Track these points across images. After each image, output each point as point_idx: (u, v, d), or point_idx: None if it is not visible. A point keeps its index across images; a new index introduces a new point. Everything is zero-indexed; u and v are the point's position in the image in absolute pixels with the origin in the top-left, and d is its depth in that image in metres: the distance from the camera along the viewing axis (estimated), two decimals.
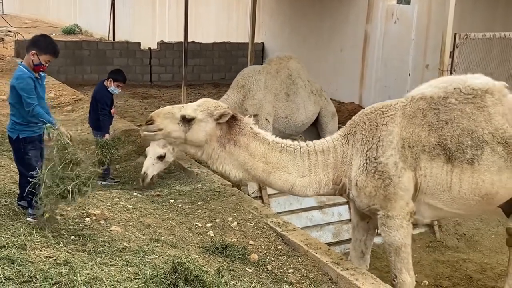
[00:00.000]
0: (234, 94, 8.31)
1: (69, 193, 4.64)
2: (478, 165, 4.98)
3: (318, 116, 9.10)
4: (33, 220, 5.02)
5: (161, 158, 7.43)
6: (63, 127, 4.99)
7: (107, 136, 7.48)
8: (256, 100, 8.23)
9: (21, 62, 5.24)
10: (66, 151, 4.73)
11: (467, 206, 5.16)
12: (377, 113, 5.08)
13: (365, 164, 4.97)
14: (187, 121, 4.82)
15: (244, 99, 8.27)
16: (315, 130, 9.21)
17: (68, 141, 4.78)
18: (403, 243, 5.07)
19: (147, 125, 4.92)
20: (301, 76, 8.84)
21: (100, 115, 7.75)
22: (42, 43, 5.19)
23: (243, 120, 5.00)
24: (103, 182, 7.66)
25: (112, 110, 7.89)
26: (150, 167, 7.42)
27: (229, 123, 4.93)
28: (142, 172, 7.41)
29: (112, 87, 7.80)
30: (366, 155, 4.97)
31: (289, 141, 5.15)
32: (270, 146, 5.01)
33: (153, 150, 7.45)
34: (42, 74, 5.22)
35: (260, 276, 5.10)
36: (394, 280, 5.16)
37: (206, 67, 17.90)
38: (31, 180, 4.87)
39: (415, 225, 7.83)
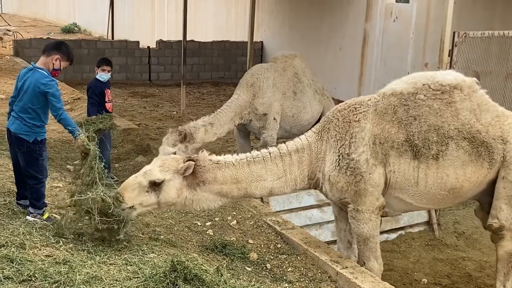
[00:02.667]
0: (244, 93, 8.19)
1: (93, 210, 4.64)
2: (443, 160, 5.11)
3: (321, 115, 9.01)
4: (32, 219, 5.03)
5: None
6: (85, 137, 4.99)
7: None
8: (266, 99, 8.15)
9: (35, 64, 5.19)
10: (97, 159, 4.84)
11: (435, 201, 5.34)
12: (350, 110, 5.22)
13: (338, 160, 5.12)
14: (157, 185, 4.78)
15: (254, 97, 8.15)
16: None
17: (97, 150, 4.88)
18: (371, 234, 5.27)
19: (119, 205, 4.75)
20: (306, 75, 8.76)
21: (88, 103, 7.73)
22: (66, 50, 5.25)
23: (200, 158, 4.99)
24: None
25: (108, 105, 7.66)
26: None
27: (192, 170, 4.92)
28: None
29: (98, 73, 7.69)
30: (339, 151, 5.12)
31: (255, 152, 5.24)
32: (235, 166, 5.06)
33: (163, 149, 7.37)
34: None
35: (260, 275, 5.10)
36: (362, 267, 5.32)
37: (205, 65, 17.90)
38: (42, 181, 5.11)
39: (415, 224, 7.95)
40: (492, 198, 5.47)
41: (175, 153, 7.21)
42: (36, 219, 5.03)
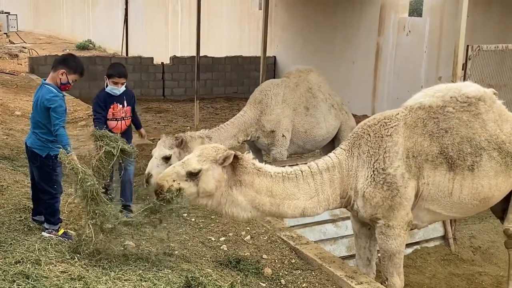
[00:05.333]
0: (251, 110, 8.13)
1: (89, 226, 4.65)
2: (478, 171, 5.17)
3: (338, 130, 8.88)
4: (48, 235, 5.05)
5: (166, 159, 7.10)
6: (75, 155, 4.93)
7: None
8: (273, 116, 8.08)
9: (45, 80, 5.27)
10: (79, 178, 4.71)
11: (464, 210, 5.38)
12: (381, 124, 5.19)
13: (372, 176, 5.06)
14: (194, 175, 4.69)
15: (261, 114, 8.08)
16: (331, 144, 8.94)
17: (79, 168, 4.73)
18: (398, 250, 5.23)
19: (158, 196, 4.69)
20: (321, 90, 8.67)
21: (93, 120, 6.52)
22: (72, 63, 5.28)
23: (244, 158, 4.92)
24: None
25: (113, 124, 6.35)
26: (155, 168, 7.06)
27: (233, 164, 4.85)
28: (146, 172, 7.16)
29: (109, 86, 6.47)
30: (374, 166, 5.06)
31: (288, 168, 5.14)
32: (273, 179, 4.97)
33: (159, 150, 7.21)
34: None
35: None
36: (385, 282, 5.30)
37: (219, 81, 17.97)
38: (56, 197, 5.11)
39: (430, 239, 7.88)
40: (505, 205, 5.53)
41: (170, 156, 7.12)
42: (51, 235, 5.06)
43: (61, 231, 5.16)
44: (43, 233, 5.09)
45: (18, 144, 8.75)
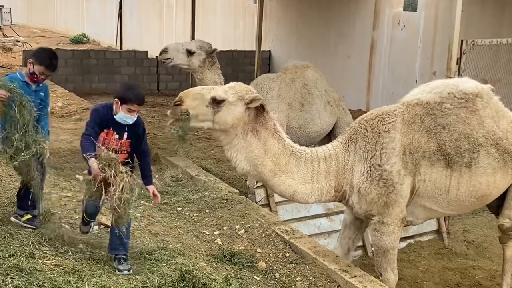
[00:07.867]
0: None
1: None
2: (475, 168, 5.13)
3: (334, 126, 8.87)
4: (14, 220, 4.96)
5: (189, 53, 7.87)
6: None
7: (91, 162, 4.21)
8: None
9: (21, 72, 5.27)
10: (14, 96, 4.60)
11: (461, 207, 5.36)
12: (378, 120, 5.15)
13: (369, 172, 5.03)
14: (217, 103, 4.74)
15: None
16: (327, 140, 8.98)
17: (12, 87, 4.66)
18: (392, 247, 5.22)
19: (174, 106, 4.87)
20: (317, 86, 8.65)
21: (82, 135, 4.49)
22: (40, 54, 5.23)
23: (270, 113, 4.98)
24: None
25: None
26: (174, 49, 7.89)
27: (257, 112, 4.89)
28: (165, 46, 7.80)
29: (120, 113, 4.50)
30: (370, 162, 5.03)
31: (298, 146, 5.15)
32: (284, 148, 5.01)
33: (192, 42, 8.05)
34: (41, 84, 5.12)
35: (268, 284, 5.10)
36: (379, 278, 5.31)
37: None
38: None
39: (424, 233, 7.91)
40: (500, 201, 5.55)
41: (194, 53, 8.23)
42: (16, 220, 4.99)
43: (25, 217, 5.04)
44: (11, 218, 5.03)
45: None
